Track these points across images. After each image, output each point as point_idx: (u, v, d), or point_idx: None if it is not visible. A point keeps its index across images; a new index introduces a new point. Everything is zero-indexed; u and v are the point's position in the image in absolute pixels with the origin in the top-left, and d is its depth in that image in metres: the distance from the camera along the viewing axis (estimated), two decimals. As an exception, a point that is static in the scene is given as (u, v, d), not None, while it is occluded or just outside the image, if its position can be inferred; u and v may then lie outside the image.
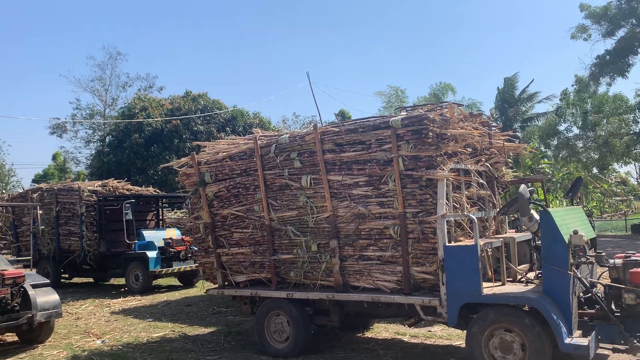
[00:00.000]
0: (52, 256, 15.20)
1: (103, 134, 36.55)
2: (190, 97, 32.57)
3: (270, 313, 7.15)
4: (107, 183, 15.63)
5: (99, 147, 35.29)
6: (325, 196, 6.56)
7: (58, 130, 43.79)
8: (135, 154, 29.67)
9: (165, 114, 30.68)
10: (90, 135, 43.52)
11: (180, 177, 8.23)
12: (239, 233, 7.57)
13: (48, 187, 15.89)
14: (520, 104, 34.73)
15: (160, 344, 7.96)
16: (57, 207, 15.00)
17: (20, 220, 16.08)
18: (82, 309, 11.36)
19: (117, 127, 31.76)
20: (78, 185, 15.23)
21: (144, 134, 29.81)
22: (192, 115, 30.42)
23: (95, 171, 32.41)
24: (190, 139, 29.76)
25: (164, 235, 14.23)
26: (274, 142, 7.07)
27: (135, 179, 25.46)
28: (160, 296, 12.77)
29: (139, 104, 32.32)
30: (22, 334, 8.29)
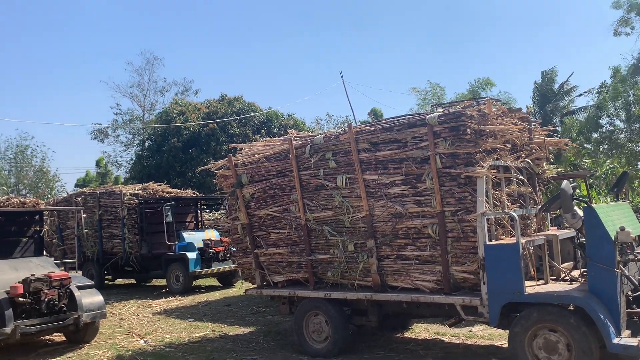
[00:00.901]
0: (96, 258, 15.64)
1: (142, 138, 37.38)
2: (226, 100, 33.00)
3: (308, 313, 7.17)
4: (148, 186, 15.99)
5: (138, 151, 36.11)
6: (361, 196, 6.53)
7: (99, 135, 45.16)
8: (173, 158, 30.25)
9: (202, 118, 31.19)
10: (130, 139, 44.76)
11: (217, 179, 8.35)
12: (276, 233, 7.62)
13: (91, 191, 16.36)
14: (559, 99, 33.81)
15: (201, 344, 8.08)
16: (100, 211, 15.43)
17: (65, 223, 16.61)
18: (125, 310, 11.65)
19: (155, 131, 32.45)
20: (120, 188, 15.63)
21: (182, 138, 30.35)
22: (228, 118, 30.82)
23: (135, 175, 33.19)
24: (226, 141, 30.14)
25: (203, 236, 14.45)
26: (309, 142, 7.09)
27: (174, 182, 25.95)
28: (201, 296, 12.97)
29: (177, 109, 32.95)
30: (69, 334, 8.56)
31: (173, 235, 14.40)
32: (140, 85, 47.22)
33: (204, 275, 13.77)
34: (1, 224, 9.27)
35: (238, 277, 14.46)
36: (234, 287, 14.26)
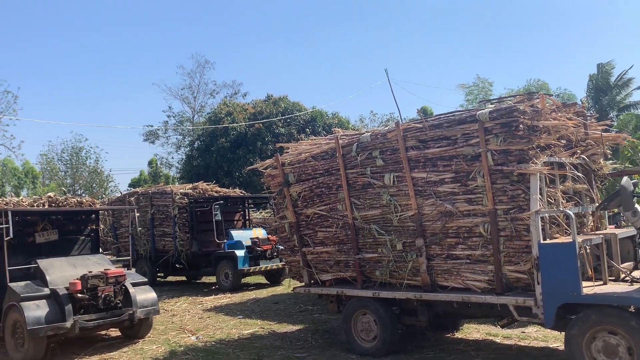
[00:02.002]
0: (149, 256, 16.09)
1: (192, 139, 38.26)
2: (272, 100, 33.37)
3: (356, 312, 7.15)
4: (197, 186, 16.33)
5: (188, 151, 36.99)
6: (410, 194, 6.45)
7: (151, 137, 46.52)
8: (221, 157, 30.84)
9: (248, 118, 31.65)
10: (181, 140, 45.91)
11: (265, 178, 8.43)
12: (323, 232, 7.63)
13: (143, 191, 16.86)
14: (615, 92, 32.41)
15: (250, 341, 8.20)
16: (152, 210, 15.88)
17: (119, 222, 17.18)
18: (177, 306, 11.94)
19: (204, 132, 33.15)
20: (171, 188, 16.03)
21: (230, 138, 30.91)
22: (274, 118, 31.14)
23: (185, 175, 34.04)
24: (272, 141, 30.49)
25: (251, 234, 14.64)
26: (356, 141, 7.06)
27: (222, 181, 26.41)
28: (249, 294, 13.16)
29: (224, 109, 33.57)
30: (124, 330, 8.85)
31: (222, 234, 14.66)
32: (191, 87, 48.42)
33: (252, 272, 13.96)
34: (60, 223, 9.66)
35: (285, 275, 14.59)
36: (282, 285, 14.38)
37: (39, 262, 8.31)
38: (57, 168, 47.19)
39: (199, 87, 48.67)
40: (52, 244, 9.33)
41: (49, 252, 9.06)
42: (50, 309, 7.56)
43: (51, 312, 7.53)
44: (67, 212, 9.44)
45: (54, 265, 8.35)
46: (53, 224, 9.47)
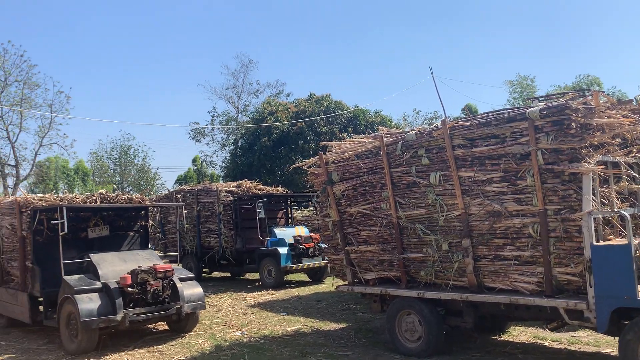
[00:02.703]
0: (194, 252, 16.44)
1: (236, 137, 38.83)
2: (314, 99, 33.49)
3: (400, 312, 7.10)
4: (242, 184, 16.57)
5: (232, 150, 37.55)
6: (456, 193, 6.36)
7: (198, 135, 47.50)
8: (264, 156, 31.18)
9: (291, 117, 31.87)
10: (225, 139, 46.66)
11: (308, 176, 8.48)
12: (366, 231, 7.61)
13: (190, 189, 17.24)
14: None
15: (294, 338, 8.26)
16: (198, 207, 16.22)
17: (167, 219, 17.60)
18: (222, 302, 12.15)
19: (248, 131, 33.60)
20: (216, 186, 16.32)
21: (272, 137, 31.19)
22: (316, 117, 31.24)
23: (229, 173, 34.59)
24: (314, 140, 30.62)
25: (294, 232, 14.74)
26: (401, 139, 7.01)
27: (264, 180, 26.73)
28: (292, 291, 13.26)
29: (268, 108, 33.92)
30: (171, 324, 9.07)
31: (265, 231, 14.83)
32: (235, 87, 49.15)
33: (295, 270, 14.06)
34: (111, 219, 10.00)
35: (327, 273, 14.62)
36: (324, 283, 14.43)
37: (92, 256, 8.62)
38: (107, 166, 48.78)
39: (242, 86, 49.38)
40: (103, 239, 9.68)
41: (101, 247, 9.40)
42: (102, 302, 7.83)
43: (103, 305, 7.80)
44: (118, 208, 9.75)
45: (106, 259, 8.65)
46: (105, 220, 9.82)
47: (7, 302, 9.73)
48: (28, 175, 37.10)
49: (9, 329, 9.94)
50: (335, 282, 8.91)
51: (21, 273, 9.16)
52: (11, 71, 34.11)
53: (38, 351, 8.21)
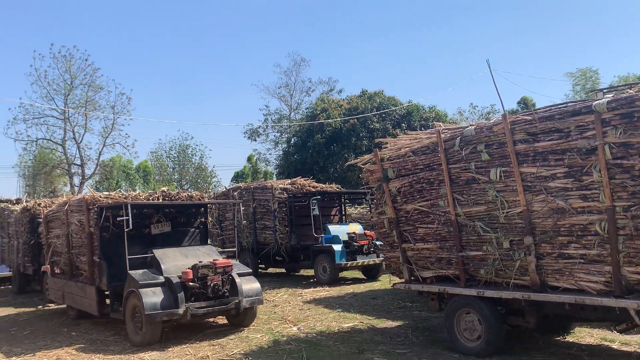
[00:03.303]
0: (251, 248, 16.76)
1: (289, 135, 39.24)
2: (367, 95, 33.36)
3: (459, 311, 6.98)
4: (296, 181, 16.74)
5: (285, 148, 37.98)
6: (518, 190, 6.18)
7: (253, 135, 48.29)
8: (317, 153, 31.33)
9: (343, 114, 31.88)
10: (278, 137, 47.22)
11: (363, 173, 8.45)
12: (423, 228, 7.52)
13: (246, 186, 17.57)
14: None
15: (350, 334, 8.28)
16: (254, 204, 16.51)
17: (224, 215, 18.02)
18: (278, 297, 12.33)
19: (301, 128, 33.87)
20: (271, 183, 16.58)
21: (325, 134, 31.29)
22: (369, 113, 31.09)
23: (282, 170, 34.99)
24: (366, 136, 30.51)
25: (348, 229, 14.76)
26: (459, 134, 6.87)
27: (317, 177, 26.89)
28: (347, 288, 13.28)
29: (321, 105, 34.06)
30: (230, 318, 9.28)
31: (319, 228, 14.93)
32: (288, 86, 49.60)
33: (349, 267, 14.08)
34: (173, 216, 10.33)
35: (382, 270, 14.56)
36: (379, 280, 14.37)
37: (155, 252, 8.94)
38: (166, 164, 50.41)
39: (295, 85, 49.75)
40: (165, 235, 10.02)
41: (163, 243, 9.74)
42: (165, 296, 8.11)
43: (166, 298, 8.08)
44: (179, 205, 10.07)
45: (168, 255, 8.95)
46: (166, 217, 10.15)
47: (77, 295, 10.23)
48: (93, 174, 38.83)
49: (79, 321, 10.46)
50: (391, 279, 8.86)
51: (89, 267, 9.60)
52: (77, 75, 35.82)
53: (106, 342, 8.60)
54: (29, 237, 14.02)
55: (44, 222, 11.77)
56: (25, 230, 14.21)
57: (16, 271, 15.38)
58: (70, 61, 35.40)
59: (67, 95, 36.04)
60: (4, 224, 16.50)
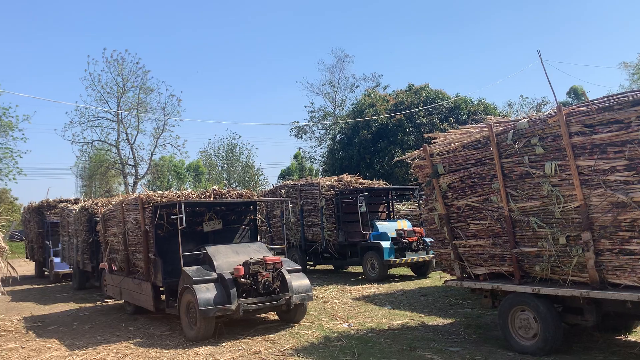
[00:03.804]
0: (299, 245, 16.90)
1: (334, 132, 39.28)
2: (413, 90, 32.95)
3: (514, 308, 6.82)
4: (342, 178, 16.75)
5: (330, 145, 38.04)
6: (574, 184, 5.98)
7: (299, 132, 48.69)
8: (363, 150, 31.19)
9: (389, 110, 31.61)
10: (323, 135, 47.37)
11: (412, 169, 8.36)
12: (475, 224, 7.38)
13: (293, 184, 17.71)
14: None
15: (401, 331, 8.23)
16: (301, 201, 16.63)
17: (272, 213, 18.24)
18: (327, 294, 12.38)
19: (347, 125, 33.82)
20: (318, 181, 16.65)
21: (372, 130, 31.11)
22: (415, 108, 30.72)
23: (328, 168, 35.06)
24: (413, 132, 30.15)
25: (396, 226, 14.66)
26: (511, 128, 6.70)
27: (363, 174, 26.80)
28: (396, 285, 13.20)
29: (367, 101, 33.88)
30: (281, 314, 9.40)
31: (367, 225, 14.88)
32: (332, 82, 49.75)
33: (398, 264, 13.98)
34: (224, 214, 10.54)
35: (432, 267, 14.40)
36: (429, 277, 14.22)
37: (207, 248, 9.15)
38: (215, 163, 51.45)
39: (339, 81, 49.81)
40: (217, 233, 10.25)
41: (215, 240, 9.96)
42: (218, 292, 8.29)
43: (219, 294, 8.26)
44: (230, 203, 10.27)
45: (220, 251, 9.14)
46: (218, 215, 10.37)
47: (133, 291, 10.60)
48: (145, 174, 40.06)
49: (135, 316, 10.83)
50: (442, 276, 8.74)
51: (145, 264, 9.92)
52: (128, 78, 37.01)
53: (162, 337, 8.87)
54: (88, 236, 14.63)
55: (101, 221, 12.24)
56: (84, 229, 14.82)
57: (76, 268, 16.07)
58: (122, 64, 36.65)
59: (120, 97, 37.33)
60: (64, 223, 17.26)
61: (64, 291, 16.09)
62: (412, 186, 16.41)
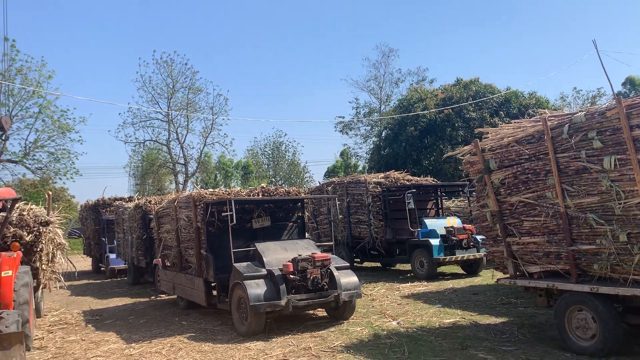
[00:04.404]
0: (346, 242, 16.89)
1: (380, 129, 39.03)
2: (462, 84, 32.30)
3: (571, 308, 6.59)
4: (389, 174, 16.63)
5: (376, 141, 37.82)
6: (636, 179, 5.72)
7: (344, 129, 48.68)
8: (410, 146, 30.81)
9: (437, 105, 31.12)
10: (369, 131, 47.16)
11: (463, 165, 8.21)
12: (529, 221, 7.18)
13: (339, 181, 17.73)
14: None
15: (452, 330, 8.11)
16: (348, 198, 16.62)
17: (318, 210, 18.31)
18: (375, 291, 12.33)
19: (393, 121, 33.52)
20: (364, 178, 16.59)
21: (419, 126, 30.70)
22: (464, 102, 30.12)
23: (373, 164, 34.85)
24: (462, 127, 29.57)
25: (445, 223, 14.44)
26: (567, 121, 6.48)
27: (410, 170, 26.50)
28: (446, 283, 13.01)
29: (415, 96, 33.46)
30: (330, 311, 9.43)
31: (415, 222, 14.72)
32: (377, 78, 49.48)
33: (448, 262, 13.77)
34: (272, 211, 10.66)
35: (483, 265, 14.11)
36: (479, 276, 13.94)
37: (257, 245, 9.28)
38: (261, 161, 52.09)
39: (384, 77, 49.46)
40: (266, 230, 10.38)
41: (264, 237, 10.09)
42: (268, 288, 8.40)
43: (269, 290, 8.36)
44: (278, 200, 10.37)
45: (269, 248, 9.25)
46: (266, 212, 10.49)
47: (186, 287, 10.88)
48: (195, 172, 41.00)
49: (188, 311, 11.11)
50: (494, 274, 8.55)
51: (197, 260, 10.16)
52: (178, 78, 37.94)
53: (214, 331, 9.06)
54: (142, 232, 15.09)
55: (155, 218, 12.61)
56: (138, 226, 15.30)
57: (130, 264, 16.63)
58: (171, 66, 37.57)
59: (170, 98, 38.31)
60: (119, 220, 17.89)
61: (119, 286, 16.68)
62: (462, 182, 16.12)
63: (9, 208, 7.67)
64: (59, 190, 39.32)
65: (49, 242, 9.99)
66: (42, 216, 9.91)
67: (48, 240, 9.94)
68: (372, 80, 49.82)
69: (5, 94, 26.64)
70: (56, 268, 10.42)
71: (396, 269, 17.07)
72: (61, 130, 28.39)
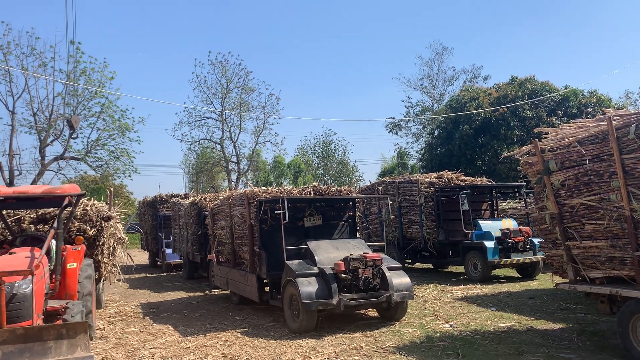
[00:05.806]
0: (397, 242, 16.74)
1: (432, 127, 38.47)
2: (517, 82, 31.41)
3: (635, 315, 6.30)
4: (443, 175, 16.36)
5: (428, 140, 37.30)
6: None
7: (395, 128, 48.30)
8: (464, 145, 30.22)
9: (491, 103, 30.38)
10: (421, 130, 46.58)
11: (521, 166, 7.99)
12: (591, 225, 6.91)
13: (391, 180, 17.58)
14: None
15: (507, 335, 7.90)
16: (399, 198, 16.47)
17: (369, 209, 18.23)
18: (427, 293, 12.17)
19: (446, 119, 32.97)
20: (416, 177, 16.38)
21: (473, 125, 30.06)
22: (520, 101, 29.27)
23: (426, 164, 34.38)
24: (517, 126, 28.75)
25: (500, 225, 14.08)
26: (634, 121, 6.19)
27: (464, 170, 25.97)
28: (500, 286, 12.69)
29: (468, 95, 32.80)
30: (381, 311, 9.37)
31: (470, 223, 14.42)
32: (430, 76, 48.85)
33: (503, 265, 13.42)
34: (323, 210, 10.70)
35: (540, 269, 13.67)
36: (536, 279, 13.52)
37: (309, 243, 9.35)
38: (311, 160, 52.38)
39: (437, 75, 48.72)
40: (317, 228, 10.44)
41: (315, 235, 10.15)
42: (319, 286, 8.44)
43: (320, 289, 8.41)
44: (329, 199, 10.40)
45: (321, 247, 9.30)
46: (317, 210, 10.55)
47: (239, 282, 11.08)
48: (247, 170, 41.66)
49: (241, 306, 11.32)
50: (553, 279, 8.27)
51: (250, 257, 10.33)
52: (232, 79, 38.64)
53: (266, 327, 9.19)
54: (197, 229, 15.49)
55: (210, 215, 12.91)
56: (194, 222, 15.71)
57: (186, 259, 17.11)
58: (225, 66, 38.28)
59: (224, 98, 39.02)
60: (175, 216, 18.42)
61: (174, 280, 17.18)
62: (519, 184, 15.67)
63: (74, 203, 8.03)
64: (118, 187, 40.86)
65: (110, 236, 10.42)
66: (104, 211, 10.34)
67: (109, 235, 10.37)
68: (425, 78, 49.22)
69: (70, 94, 27.84)
70: (116, 261, 10.86)
71: (448, 271, 16.78)
72: (121, 130, 29.44)
